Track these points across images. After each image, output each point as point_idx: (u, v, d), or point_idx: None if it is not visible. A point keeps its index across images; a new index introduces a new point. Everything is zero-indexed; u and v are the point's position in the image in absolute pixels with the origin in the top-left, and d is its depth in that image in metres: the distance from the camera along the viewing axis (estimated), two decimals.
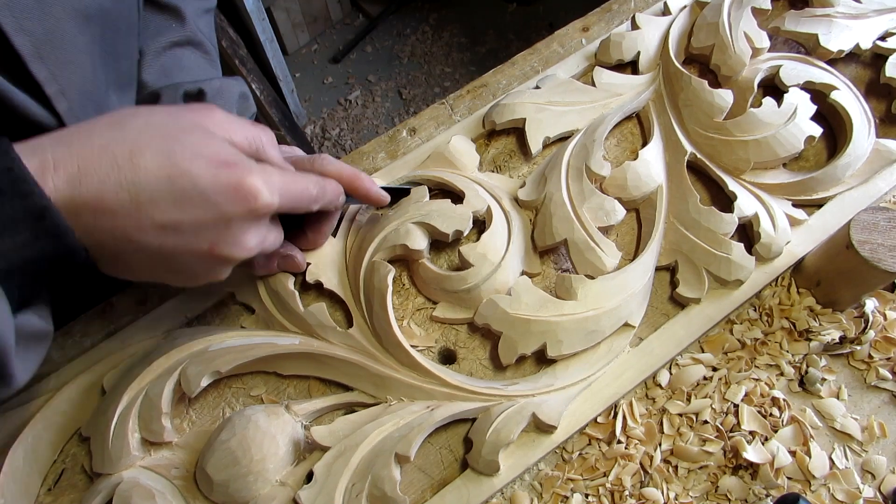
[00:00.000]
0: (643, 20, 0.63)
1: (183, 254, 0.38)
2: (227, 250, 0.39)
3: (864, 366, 0.50)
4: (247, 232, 0.39)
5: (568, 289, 0.49)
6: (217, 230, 0.38)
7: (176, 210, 0.36)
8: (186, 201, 0.36)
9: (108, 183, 0.34)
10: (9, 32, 0.40)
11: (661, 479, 0.47)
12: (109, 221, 0.35)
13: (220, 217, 0.37)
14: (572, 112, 0.58)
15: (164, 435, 0.45)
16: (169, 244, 0.37)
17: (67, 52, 0.45)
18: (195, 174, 0.36)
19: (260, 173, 0.39)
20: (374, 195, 0.49)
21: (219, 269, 0.41)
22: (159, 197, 0.36)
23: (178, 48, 0.61)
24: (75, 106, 0.47)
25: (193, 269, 0.40)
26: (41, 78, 0.44)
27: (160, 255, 0.38)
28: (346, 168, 0.48)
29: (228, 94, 0.60)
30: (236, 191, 0.37)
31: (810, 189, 0.55)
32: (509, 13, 2.11)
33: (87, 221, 0.35)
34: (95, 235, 0.35)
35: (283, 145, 0.50)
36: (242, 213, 0.38)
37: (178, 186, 0.36)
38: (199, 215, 0.37)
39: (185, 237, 0.37)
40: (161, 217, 0.36)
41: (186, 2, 0.62)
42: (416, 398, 0.46)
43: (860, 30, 0.61)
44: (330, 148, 1.90)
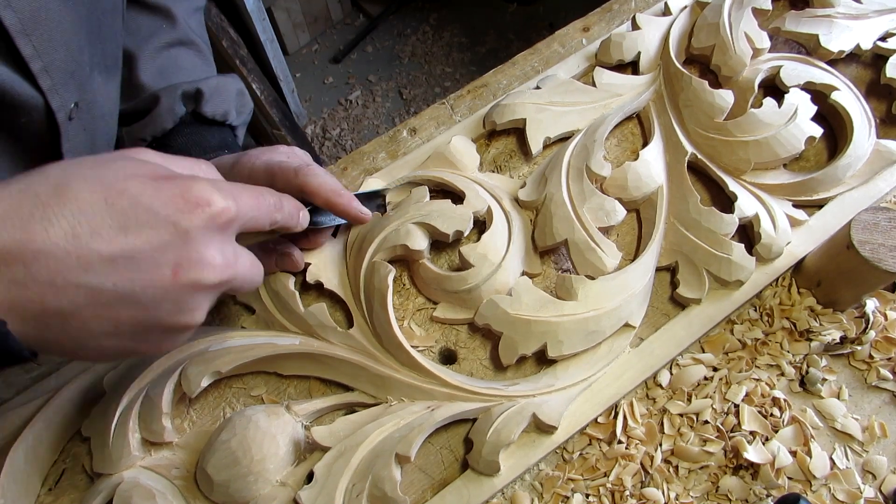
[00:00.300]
0: (644, 20, 0.63)
1: (144, 289, 0.32)
2: (193, 272, 0.33)
3: (865, 366, 0.50)
4: (209, 246, 0.33)
5: (568, 289, 0.49)
6: (176, 248, 0.32)
7: (123, 236, 0.31)
8: (133, 223, 0.31)
9: (32, 223, 0.29)
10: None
11: (661, 479, 0.47)
12: (45, 268, 0.29)
13: (176, 232, 0.32)
14: (573, 112, 0.58)
15: (164, 435, 0.45)
16: (125, 280, 0.31)
17: (53, 29, 0.44)
18: (135, 192, 0.31)
19: (206, 181, 0.34)
20: (353, 213, 0.46)
21: (191, 302, 0.34)
22: (100, 225, 0.30)
23: (173, 48, 0.62)
24: (58, 84, 0.46)
25: (162, 311, 0.33)
26: (26, 54, 0.42)
27: (119, 301, 0.31)
28: (328, 182, 0.45)
29: (226, 92, 0.60)
30: (185, 199, 0.32)
31: (811, 189, 0.55)
32: (510, 13, 2.11)
33: (15, 276, 0.28)
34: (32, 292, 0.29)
35: (283, 146, 0.51)
36: (200, 223, 0.33)
37: (119, 209, 0.31)
38: (151, 236, 0.31)
39: (142, 265, 0.31)
40: (108, 248, 0.30)
41: (176, 2, 0.63)
42: (417, 398, 0.46)
43: (861, 30, 0.61)
44: (330, 148, 1.90)
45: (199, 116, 0.59)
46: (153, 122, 0.58)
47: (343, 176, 0.59)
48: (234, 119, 0.62)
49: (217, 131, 0.61)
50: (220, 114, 0.60)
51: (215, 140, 0.59)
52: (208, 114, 0.59)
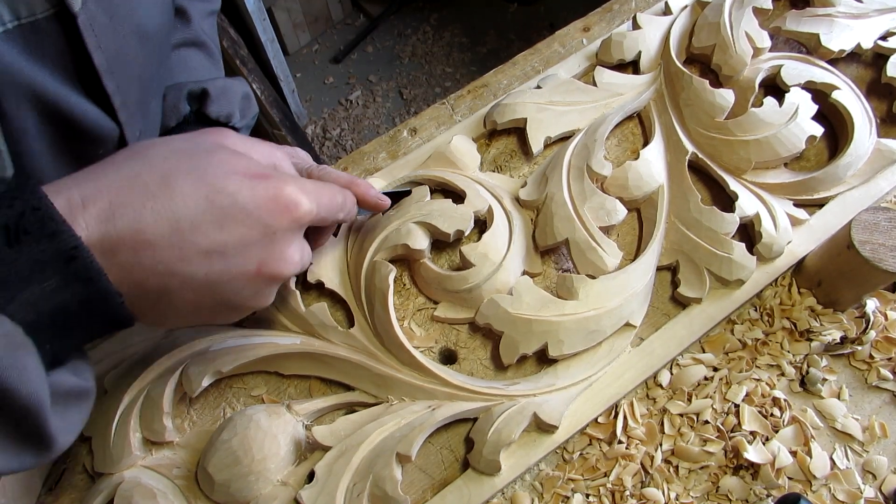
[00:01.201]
0: (644, 20, 0.63)
1: (231, 279, 0.35)
2: (276, 267, 0.37)
3: (865, 366, 0.50)
4: (291, 244, 0.38)
5: (569, 288, 0.49)
6: (263, 246, 0.36)
7: (219, 231, 0.34)
8: (229, 220, 0.34)
9: (144, 214, 0.32)
10: (90, 49, 0.43)
11: (661, 479, 0.47)
12: (150, 256, 0.32)
13: (264, 232, 0.35)
14: (573, 112, 0.58)
15: (165, 434, 0.45)
16: (216, 271, 0.35)
17: (131, 67, 0.47)
18: (233, 190, 0.34)
19: (294, 182, 0.37)
20: (371, 199, 0.47)
21: (266, 291, 0.38)
22: (200, 220, 0.33)
23: (184, 49, 0.62)
24: (133, 116, 0.49)
25: (241, 297, 0.37)
26: (111, 91, 0.46)
27: (207, 287, 0.35)
28: (342, 176, 0.46)
29: (232, 95, 0.61)
30: (276, 202, 0.36)
31: (811, 189, 0.55)
32: (510, 13, 2.11)
33: (125, 260, 0.32)
34: (136, 275, 0.33)
35: (285, 146, 0.51)
36: (286, 225, 0.36)
37: (217, 206, 0.34)
38: (243, 233, 0.35)
39: (232, 260, 0.35)
40: (205, 242, 0.34)
41: (192, 3, 0.63)
42: (418, 398, 0.46)
43: (861, 29, 0.61)
44: (331, 148, 1.90)
45: (203, 117, 0.60)
46: None
47: None
48: (237, 121, 0.62)
49: None
50: (224, 115, 0.60)
51: None
52: (212, 115, 0.59)
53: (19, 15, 0.39)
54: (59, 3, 0.40)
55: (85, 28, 0.42)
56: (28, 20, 0.39)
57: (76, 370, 0.34)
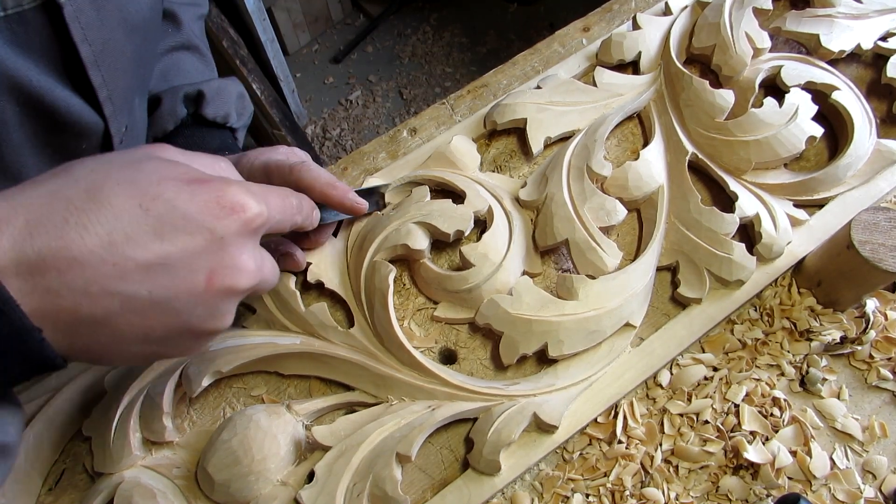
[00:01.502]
0: (644, 20, 0.63)
1: (179, 296, 0.31)
2: (228, 278, 0.33)
3: (865, 366, 0.50)
4: (243, 251, 0.33)
5: (569, 289, 0.49)
6: (211, 254, 0.32)
7: (158, 242, 0.30)
8: (168, 229, 0.30)
9: (67, 230, 0.28)
10: (76, 42, 0.42)
11: (661, 479, 0.47)
12: (79, 276, 0.28)
13: (211, 238, 0.32)
14: (573, 112, 0.58)
15: (165, 434, 0.45)
16: (160, 287, 0.30)
17: (117, 60, 0.47)
18: (170, 196, 0.31)
19: (238, 184, 0.34)
20: (348, 203, 0.46)
21: (222, 307, 0.34)
22: (135, 231, 0.30)
23: (176, 52, 0.62)
24: (117, 110, 0.49)
25: (194, 317, 0.33)
26: (97, 84, 0.45)
27: (153, 308, 0.31)
28: (322, 176, 0.45)
29: (227, 95, 0.61)
30: (220, 205, 0.32)
31: (811, 189, 0.55)
32: (510, 13, 2.11)
33: (50, 284, 0.28)
34: (65, 300, 0.28)
35: (283, 146, 0.51)
36: (236, 229, 0.33)
37: (154, 214, 0.30)
38: (186, 242, 0.31)
39: (178, 272, 0.31)
40: (143, 254, 0.30)
41: (183, 8, 0.64)
42: (417, 398, 0.46)
43: (861, 30, 0.61)
44: (331, 148, 1.90)
45: (200, 118, 0.60)
46: (154, 123, 0.58)
47: (343, 176, 0.59)
48: (234, 121, 0.62)
49: (217, 133, 0.61)
50: (220, 116, 0.60)
51: (216, 142, 0.60)
52: (209, 116, 0.59)
53: (6, 6, 0.38)
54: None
55: (71, 19, 0.41)
56: (14, 11, 0.39)
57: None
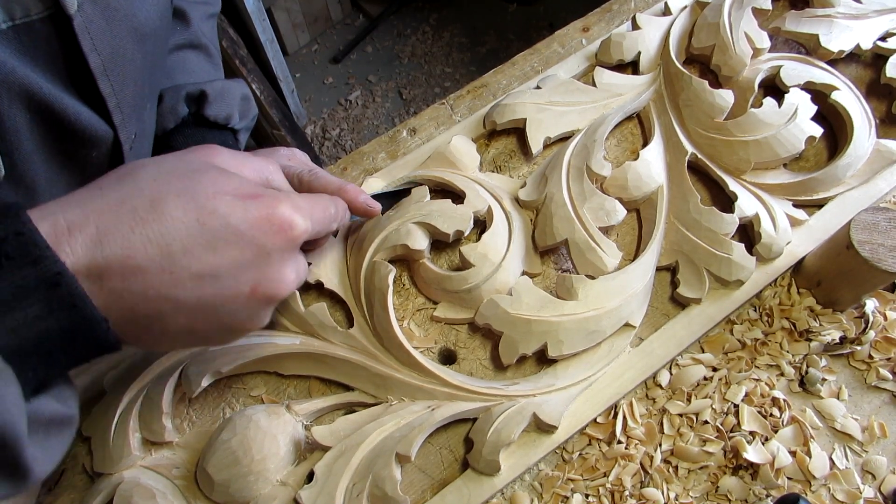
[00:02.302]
0: (644, 20, 0.63)
1: (224, 303, 0.35)
2: (271, 288, 0.36)
3: (865, 366, 0.50)
4: (286, 264, 0.37)
5: (569, 289, 0.49)
6: (257, 268, 0.35)
7: (211, 254, 0.33)
8: (221, 243, 0.33)
9: (133, 239, 0.31)
10: (85, 52, 0.42)
11: (661, 479, 0.47)
12: (141, 282, 0.32)
13: (259, 253, 0.35)
14: (573, 112, 0.58)
15: (164, 435, 0.45)
16: (208, 295, 0.34)
17: (127, 69, 0.47)
18: (224, 212, 0.33)
19: (287, 200, 0.37)
20: (361, 205, 0.47)
21: (262, 312, 0.37)
22: (192, 244, 0.33)
23: (183, 51, 0.62)
24: (126, 118, 0.49)
25: (235, 319, 0.36)
26: (105, 93, 0.45)
27: (200, 311, 0.34)
28: (332, 183, 0.46)
29: (230, 96, 0.61)
30: (270, 222, 0.35)
31: (811, 189, 0.55)
32: (510, 13, 2.11)
33: (114, 286, 0.31)
34: (126, 301, 0.32)
35: (283, 147, 0.51)
36: (281, 245, 0.35)
37: (209, 228, 0.33)
38: (236, 255, 0.34)
39: (225, 282, 0.34)
40: (197, 265, 0.33)
41: (192, 6, 0.63)
42: (417, 398, 0.46)
43: (861, 30, 0.61)
44: (330, 148, 1.90)
45: (202, 118, 0.59)
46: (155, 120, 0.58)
47: (343, 176, 0.59)
48: (236, 123, 0.62)
49: (218, 134, 0.61)
50: (222, 117, 0.60)
51: (215, 143, 0.60)
52: (210, 116, 0.59)
53: (14, 16, 0.38)
54: (54, 5, 0.40)
55: (80, 30, 0.41)
56: (23, 21, 0.39)
57: (60, 397, 0.33)
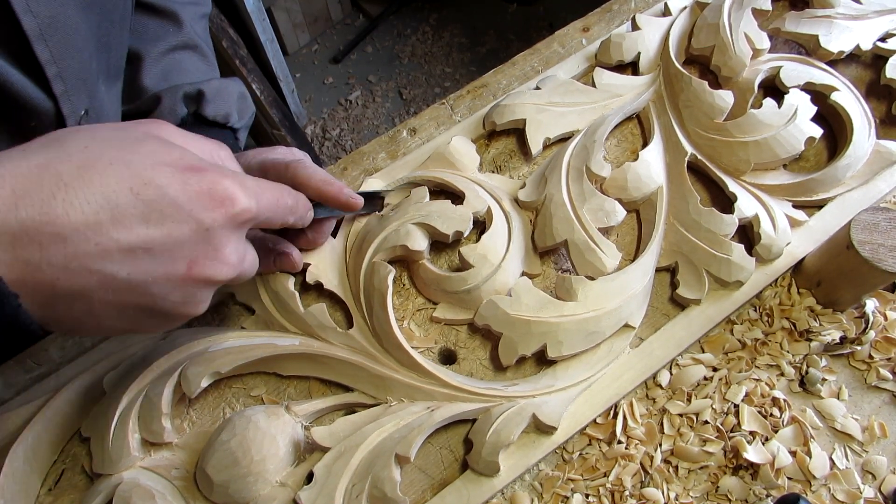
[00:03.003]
0: (643, 21, 0.63)
1: (157, 281, 0.32)
2: (208, 269, 0.34)
3: (865, 366, 0.50)
4: (227, 244, 0.34)
5: (568, 290, 0.49)
6: (194, 245, 0.33)
7: (145, 227, 0.31)
8: (156, 215, 0.31)
9: (54, 205, 0.28)
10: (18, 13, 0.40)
11: (661, 479, 0.47)
12: (61, 251, 0.29)
13: (196, 228, 0.32)
14: (572, 113, 0.58)
15: (164, 435, 0.45)
16: (140, 271, 0.31)
17: (69, 36, 0.44)
18: (162, 183, 0.31)
19: (232, 176, 0.34)
20: (343, 199, 0.45)
21: (199, 295, 0.35)
22: (123, 214, 0.30)
23: (177, 52, 0.62)
24: (70, 90, 0.46)
25: (168, 301, 0.34)
26: (43, 59, 0.43)
27: (130, 289, 0.32)
28: (317, 173, 0.45)
29: (227, 95, 0.61)
30: (211, 196, 0.33)
31: (811, 190, 0.55)
32: (510, 13, 2.11)
33: (29, 255, 0.28)
34: (45, 273, 0.29)
35: (282, 146, 0.51)
36: (222, 221, 0.33)
37: (143, 199, 0.30)
38: (172, 229, 0.31)
39: (159, 258, 0.32)
40: (128, 238, 0.30)
41: (184, 7, 0.63)
42: (417, 399, 0.46)
43: (860, 31, 0.61)
44: (330, 148, 1.90)
45: (201, 118, 0.59)
46: None
47: (343, 176, 0.59)
48: (235, 121, 0.62)
49: (218, 133, 0.61)
50: (221, 116, 0.60)
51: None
52: (209, 115, 0.59)
53: None
54: None
55: None
56: None
57: None
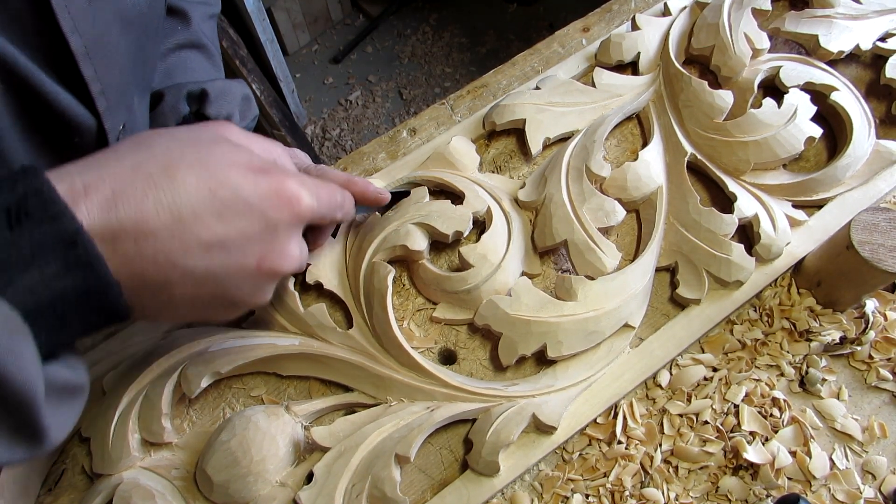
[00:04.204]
0: (643, 21, 0.63)
1: (230, 274, 0.35)
2: (276, 262, 0.37)
3: (865, 366, 0.50)
4: (291, 240, 0.38)
5: (568, 289, 0.49)
6: (264, 241, 0.36)
7: (221, 224, 0.34)
8: (231, 213, 0.34)
9: (146, 203, 0.32)
10: (66, 33, 0.41)
11: (661, 479, 0.47)
12: (152, 246, 0.32)
13: (266, 226, 0.36)
14: (572, 113, 0.58)
15: (164, 435, 0.45)
16: (216, 264, 0.34)
17: (111, 54, 0.46)
18: (235, 183, 0.34)
19: (295, 177, 0.37)
20: (371, 195, 0.48)
21: (265, 287, 0.38)
22: (203, 212, 0.33)
23: (183, 50, 0.62)
24: (112, 106, 0.48)
25: (240, 292, 0.37)
26: (88, 77, 0.44)
27: (206, 281, 0.35)
28: (339, 175, 0.47)
29: (231, 96, 0.60)
30: (279, 196, 0.36)
31: (810, 190, 0.55)
32: (510, 13, 2.11)
33: (126, 250, 0.32)
34: (137, 265, 0.32)
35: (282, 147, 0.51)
36: (288, 220, 0.36)
37: (220, 198, 0.34)
38: (244, 227, 0.35)
39: (233, 254, 0.35)
40: (207, 234, 0.33)
41: (193, 6, 0.63)
42: (417, 399, 0.46)
43: (860, 31, 0.61)
44: (330, 148, 1.90)
45: (203, 117, 0.59)
46: (155, 119, 0.58)
47: None
48: (237, 123, 0.62)
49: None
50: (223, 116, 0.60)
51: None
52: (211, 115, 0.59)
53: None
54: None
55: (59, 9, 0.40)
56: None
57: (70, 365, 0.34)
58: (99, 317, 0.32)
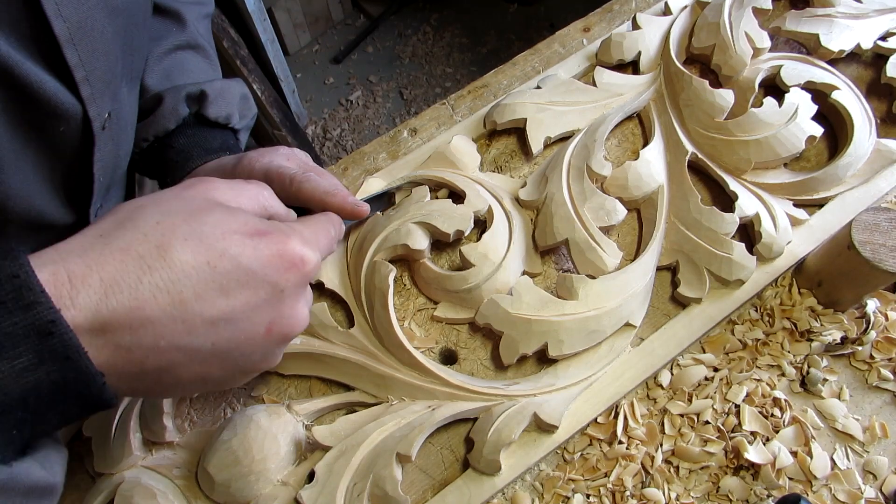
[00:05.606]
0: (644, 20, 0.63)
1: (239, 345, 0.34)
2: (286, 326, 0.35)
3: (866, 366, 0.50)
4: (299, 300, 0.36)
5: (569, 288, 0.49)
6: (271, 307, 0.34)
7: (224, 298, 0.32)
8: (234, 285, 0.32)
9: (141, 289, 0.30)
10: (49, 17, 0.40)
11: (662, 479, 0.47)
12: (151, 334, 0.30)
13: (272, 292, 0.34)
14: (573, 112, 0.58)
15: (165, 435, 0.45)
16: (223, 340, 0.33)
17: (96, 40, 0.45)
18: (235, 252, 0.32)
19: (294, 235, 0.36)
20: (348, 208, 0.46)
21: (276, 351, 0.37)
22: (204, 289, 0.31)
23: (180, 52, 0.62)
24: (96, 94, 0.47)
25: (249, 361, 0.35)
26: (72, 63, 0.43)
27: (215, 357, 0.33)
28: (320, 186, 0.45)
29: (230, 96, 0.61)
30: (282, 259, 0.34)
31: (811, 189, 0.55)
32: (510, 13, 2.11)
33: (121, 340, 0.29)
34: (134, 355, 0.30)
35: (283, 147, 0.51)
36: (295, 281, 0.35)
37: (220, 271, 0.32)
38: (249, 297, 0.33)
39: (240, 325, 0.33)
40: (211, 311, 0.31)
41: (187, 7, 0.63)
42: (418, 398, 0.46)
43: (861, 30, 0.61)
44: (331, 148, 1.90)
45: (202, 118, 0.60)
46: (156, 122, 0.58)
47: (344, 176, 0.59)
48: (236, 122, 0.62)
49: (219, 133, 0.61)
50: (223, 116, 0.60)
51: (217, 142, 0.60)
52: (211, 116, 0.59)
53: None
54: None
55: None
56: None
57: (45, 462, 0.31)
58: (81, 408, 0.30)
